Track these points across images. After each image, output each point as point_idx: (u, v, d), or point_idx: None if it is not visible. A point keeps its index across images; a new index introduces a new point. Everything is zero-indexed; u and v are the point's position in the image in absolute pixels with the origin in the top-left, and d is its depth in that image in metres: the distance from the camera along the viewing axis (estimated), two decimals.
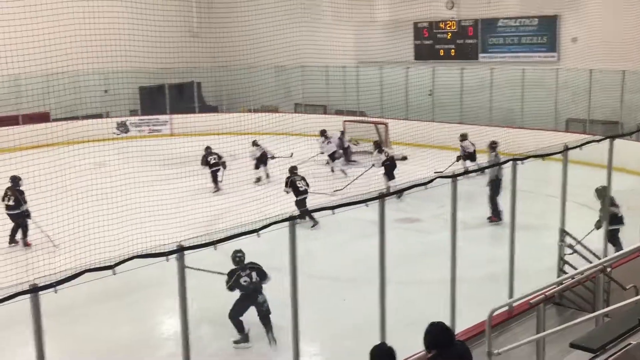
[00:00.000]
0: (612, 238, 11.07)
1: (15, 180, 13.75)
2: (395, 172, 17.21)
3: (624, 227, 11.47)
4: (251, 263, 9.50)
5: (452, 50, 25.44)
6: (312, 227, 13.25)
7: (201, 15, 30.24)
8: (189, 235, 10.26)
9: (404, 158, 21.29)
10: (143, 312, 10.42)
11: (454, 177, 7.47)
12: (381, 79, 26.27)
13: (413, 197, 7.46)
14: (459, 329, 7.39)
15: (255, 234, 5.74)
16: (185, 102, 28.78)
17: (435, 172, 18.71)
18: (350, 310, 10.08)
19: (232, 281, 9.27)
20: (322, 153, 21.08)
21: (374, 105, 26.22)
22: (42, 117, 25.35)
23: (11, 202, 13.47)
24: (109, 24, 21.31)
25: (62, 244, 11.86)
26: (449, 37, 25.46)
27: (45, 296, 4.87)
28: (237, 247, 8.57)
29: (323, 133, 21.25)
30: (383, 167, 17.67)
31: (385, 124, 22.61)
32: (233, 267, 9.29)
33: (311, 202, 13.78)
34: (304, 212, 11.20)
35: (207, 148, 19.37)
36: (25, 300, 4.82)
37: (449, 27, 25.40)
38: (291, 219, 5.95)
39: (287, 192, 14.79)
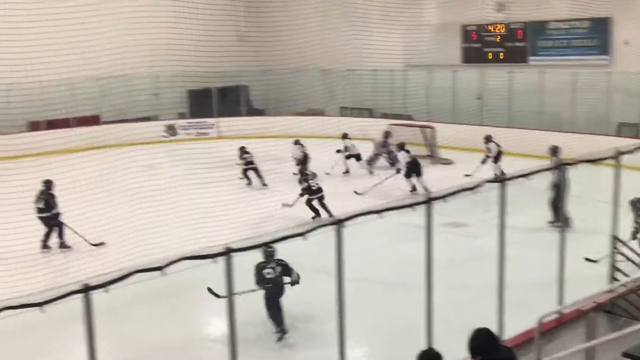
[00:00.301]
0: None
1: (48, 184, 13.84)
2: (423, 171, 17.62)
3: None
4: (279, 259, 9.63)
5: (501, 54, 25.14)
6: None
7: (249, 19, 30.49)
8: (236, 237, 10.38)
9: (449, 162, 21.14)
10: (190, 314, 10.53)
11: (502, 180, 7.37)
12: (428, 82, 26.09)
13: (459, 202, 7.34)
14: (507, 335, 7.29)
15: (302, 236, 5.75)
16: (233, 106, 29.04)
17: (465, 175, 18.80)
18: (396, 314, 10.03)
19: (256, 273, 9.44)
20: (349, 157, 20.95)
21: (420, 108, 26.06)
22: (93, 120, 25.89)
23: (42, 205, 13.53)
24: (159, 29, 21.67)
25: (112, 244, 12.05)
26: (497, 40, 25.17)
27: (95, 296, 4.96)
28: (282, 249, 8.60)
29: (345, 136, 21.14)
30: (405, 169, 17.78)
31: (432, 128, 22.46)
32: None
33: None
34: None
35: (242, 148, 19.47)
36: (76, 300, 4.92)
37: (497, 30, 25.10)
38: (338, 222, 5.95)
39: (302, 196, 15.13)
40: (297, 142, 20.26)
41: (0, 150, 20.19)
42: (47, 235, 13.45)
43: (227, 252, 5.37)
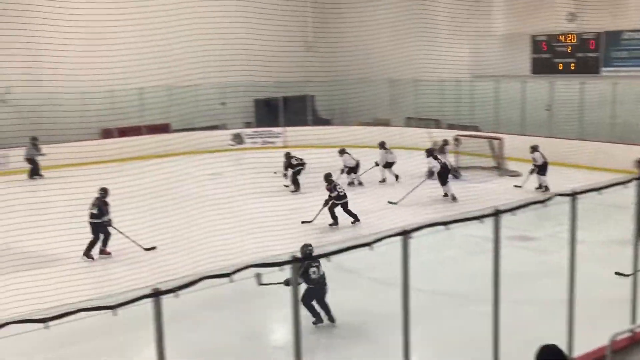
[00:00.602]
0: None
1: (103, 192, 14.05)
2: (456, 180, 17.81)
3: None
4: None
5: (572, 64, 24.60)
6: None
7: (316, 29, 30.75)
8: (301, 246, 10.41)
9: (517, 174, 20.76)
10: (255, 321, 10.62)
11: (573, 195, 7.20)
12: (496, 93, 25.73)
13: (528, 215, 7.21)
14: (577, 352, 7.10)
15: (369, 247, 5.74)
16: (299, 115, 29.27)
17: (514, 186, 18.49)
18: (462, 327, 9.89)
19: (303, 271, 9.57)
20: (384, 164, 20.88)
21: (488, 119, 25.71)
22: (163, 128, 26.49)
23: (95, 211, 13.70)
24: (227, 39, 22.05)
25: (179, 251, 12.28)
26: (569, 51, 24.65)
27: (164, 301, 5.06)
28: (349, 259, 8.59)
29: (382, 145, 21.04)
30: (436, 175, 18.14)
31: (500, 139, 22.12)
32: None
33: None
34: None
35: (287, 154, 19.86)
36: (144, 305, 5.02)
37: (569, 40, 24.58)
38: (404, 233, 5.92)
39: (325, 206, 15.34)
40: (343, 152, 20.36)
41: (74, 157, 20.84)
42: (93, 244, 13.53)
43: (294, 261, 5.40)
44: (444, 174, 18.22)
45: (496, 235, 6.61)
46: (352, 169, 20.22)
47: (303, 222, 15.49)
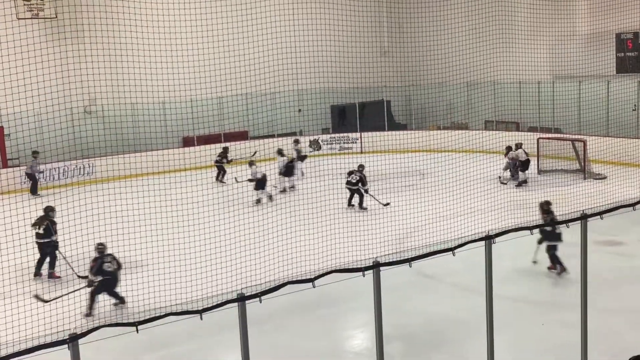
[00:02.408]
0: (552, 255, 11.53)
1: (48, 210, 13.35)
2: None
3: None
4: None
5: None
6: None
7: (392, 34, 30.67)
8: (381, 252, 10.41)
9: (603, 177, 20.14)
10: (335, 326, 10.65)
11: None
12: (579, 94, 25.02)
13: (614, 219, 6.99)
14: None
15: (451, 252, 5.70)
16: (375, 120, 29.22)
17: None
18: (547, 335, 9.64)
19: (97, 267, 11.06)
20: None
21: (570, 121, 25.03)
22: (242, 136, 26.93)
23: (41, 231, 13.07)
24: (304, 46, 22.23)
25: (262, 256, 12.45)
26: None
27: (248, 305, 5.15)
28: (428, 264, 8.51)
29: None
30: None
31: (584, 141, 21.49)
32: None
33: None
34: None
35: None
36: (230, 310, 5.13)
37: None
38: (487, 238, 5.84)
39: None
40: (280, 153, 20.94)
41: (158, 165, 21.45)
42: (40, 263, 13.10)
43: (376, 266, 5.41)
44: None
45: (584, 240, 6.43)
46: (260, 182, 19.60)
47: (386, 205, 17.17)
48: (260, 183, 18.96)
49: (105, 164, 21.60)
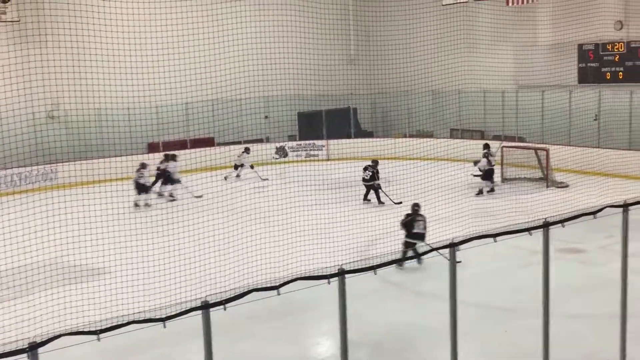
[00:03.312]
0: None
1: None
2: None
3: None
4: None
5: (620, 73, 24.14)
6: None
7: (358, 42, 30.82)
8: (345, 259, 10.43)
9: (565, 185, 20.46)
10: (300, 333, 10.62)
11: (624, 206, 7.06)
12: (542, 103, 25.40)
13: (576, 227, 7.10)
14: None
15: (416, 259, 5.72)
16: (342, 128, 29.31)
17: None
18: (510, 342, 9.74)
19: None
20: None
21: (534, 130, 25.40)
22: (208, 142, 26.77)
23: None
24: (270, 53, 22.23)
25: (227, 263, 12.37)
26: (616, 60, 24.20)
27: (212, 313, 5.11)
28: (393, 271, 8.58)
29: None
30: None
31: (547, 150, 21.82)
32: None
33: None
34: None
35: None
36: (194, 317, 5.08)
37: (616, 48, 24.15)
38: (451, 245, 5.88)
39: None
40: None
41: (122, 171, 21.20)
42: None
43: (341, 274, 5.41)
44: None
45: (546, 248, 6.52)
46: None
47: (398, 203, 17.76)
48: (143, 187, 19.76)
49: (69, 170, 21.30)
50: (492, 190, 20.18)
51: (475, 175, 20.74)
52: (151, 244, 13.43)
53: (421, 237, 12.85)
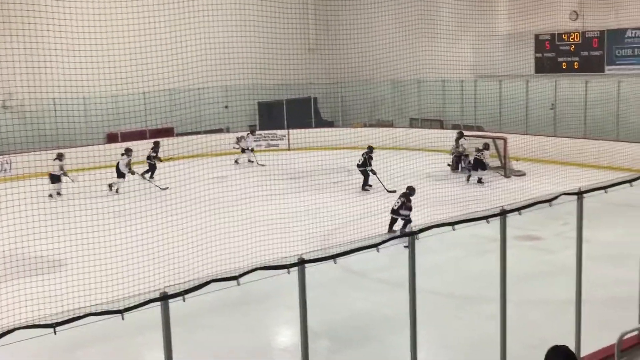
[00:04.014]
0: None
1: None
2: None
3: None
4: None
5: (576, 63, 24.57)
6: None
7: (318, 32, 30.76)
8: (306, 248, 10.44)
9: (522, 174, 20.76)
10: (261, 323, 10.62)
11: (579, 193, 7.18)
12: (500, 93, 25.72)
13: (533, 214, 7.21)
14: (585, 352, 7.08)
15: (375, 248, 5.74)
16: (302, 117, 29.28)
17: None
18: (469, 328, 9.88)
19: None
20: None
21: (492, 119, 25.71)
22: (167, 132, 26.50)
23: None
24: (230, 41, 22.04)
25: (187, 254, 12.29)
26: (572, 50, 24.61)
27: (171, 304, 5.06)
28: (356, 260, 8.58)
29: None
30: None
31: (504, 139, 22.11)
32: None
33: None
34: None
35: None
36: (154, 308, 5.03)
37: (572, 39, 24.55)
38: (411, 234, 5.91)
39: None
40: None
41: (80, 161, 20.87)
42: None
43: (301, 263, 5.40)
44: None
45: (503, 235, 6.59)
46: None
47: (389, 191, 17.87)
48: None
49: (24, 161, 20.90)
50: (480, 180, 20.38)
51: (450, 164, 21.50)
52: (109, 236, 13.27)
53: (393, 212, 14.28)
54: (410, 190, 14.79)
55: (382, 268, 11.74)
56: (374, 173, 19.02)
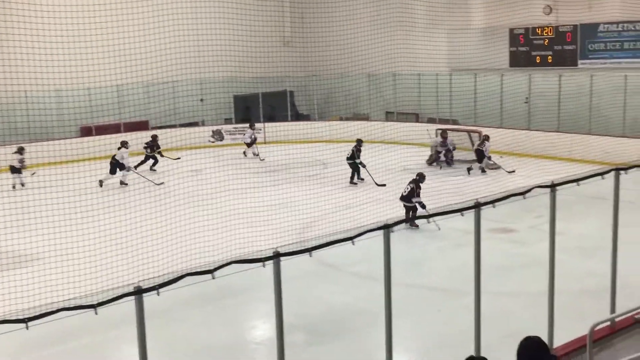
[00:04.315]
0: None
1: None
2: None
3: None
4: None
5: (549, 57, 24.77)
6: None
7: (294, 25, 30.69)
8: (282, 242, 10.43)
9: (497, 167, 20.92)
10: (237, 317, 10.60)
11: (552, 186, 7.25)
12: (475, 86, 25.87)
13: (507, 207, 7.27)
14: (558, 343, 7.16)
15: (350, 241, 5.75)
16: (278, 111, 29.22)
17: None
18: (444, 320, 9.94)
19: None
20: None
21: (467, 113, 25.86)
22: (142, 126, 26.29)
23: None
24: (205, 34, 21.91)
25: (161, 248, 12.21)
26: (546, 44, 24.81)
27: (146, 298, 5.03)
28: (331, 254, 8.60)
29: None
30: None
31: (479, 132, 22.26)
32: None
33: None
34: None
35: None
36: (128, 303, 5.00)
37: (546, 33, 24.75)
38: (385, 227, 5.93)
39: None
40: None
41: (54, 155, 20.64)
42: None
43: (276, 257, 5.40)
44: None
45: (477, 228, 6.64)
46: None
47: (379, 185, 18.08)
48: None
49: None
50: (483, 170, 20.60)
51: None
52: (83, 230, 13.15)
53: (404, 199, 14.55)
54: (420, 177, 14.90)
55: (358, 261, 11.77)
56: (363, 166, 19.00)
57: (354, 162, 19.15)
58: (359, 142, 19.55)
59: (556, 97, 23.49)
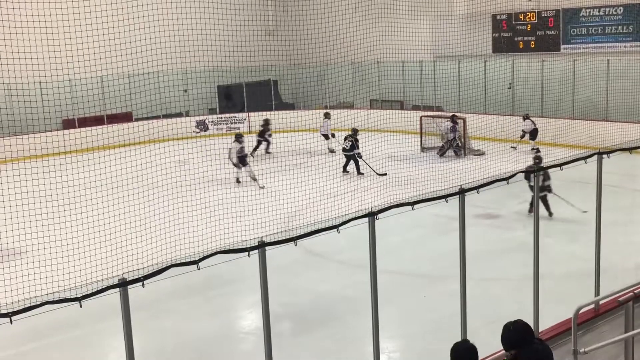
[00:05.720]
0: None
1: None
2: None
3: None
4: None
5: (532, 42, 24.84)
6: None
7: (277, 14, 30.56)
8: (268, 231, 10.41)
9: (481, 153, 20.99)
10: (224, 307, 10.60)
11: (535, 171, 7.29)
12: (459, 73, 25.90)
13: (492, 193, 7.29)
14: (543, 326, 7.22)
15: (335, 229, 5.75)
16: (263, 100, 29.12)
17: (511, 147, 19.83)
18: (430, 307, 9.99)
19: None
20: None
21: (451, 99, 25.90)
22: (126, 117, 26.14)
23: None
24: (187, 24, 21.76)
25: (146, 239, 12.16)
26: (528, 29, 24.87)
27: (131, 290, 5.01)
28: (317, 242, 8.58)
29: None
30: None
31: (463, 119, 22.30)
32: None
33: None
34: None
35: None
36: (114, 295, 4.98)
37: (528, 18, 24.79)
38: (370, 214, 5.93)
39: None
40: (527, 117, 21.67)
41: (36, 148, 20.48)
42: None
43: (261, 246, 5.39)
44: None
45: (461, 214, 6.67)
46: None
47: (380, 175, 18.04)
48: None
49: None
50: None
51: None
52: (66, 223, 13.05)
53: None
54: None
55: (342, 249, 11.80)
56: (360, 157, 18.86)
57: (353, 154, 18.92)
58: (355, 131, 19.41)
59: (539, 82, 23.58)
